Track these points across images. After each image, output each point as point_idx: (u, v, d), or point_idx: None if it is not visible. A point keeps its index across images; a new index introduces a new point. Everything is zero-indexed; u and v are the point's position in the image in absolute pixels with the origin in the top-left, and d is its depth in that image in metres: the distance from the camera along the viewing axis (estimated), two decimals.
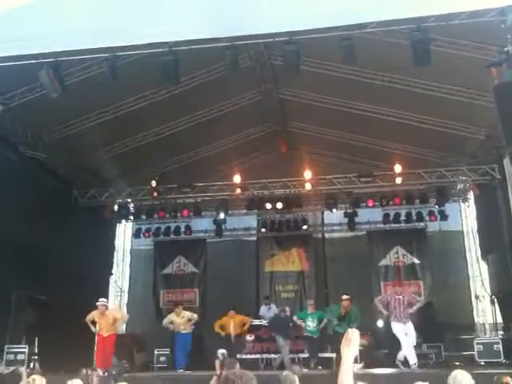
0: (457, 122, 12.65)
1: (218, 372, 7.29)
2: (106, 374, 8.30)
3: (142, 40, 7.83)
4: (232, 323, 12.40)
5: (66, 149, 12.91)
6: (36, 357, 11.64)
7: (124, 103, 12.22)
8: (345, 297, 11.41)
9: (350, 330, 2.89)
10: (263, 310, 14.55)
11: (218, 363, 7.46)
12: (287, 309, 13.11)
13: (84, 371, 6.64)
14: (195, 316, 12.40)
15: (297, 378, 4.83)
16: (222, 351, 8.07)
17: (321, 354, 12.07)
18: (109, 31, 7.66)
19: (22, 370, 9.71)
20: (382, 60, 10.63)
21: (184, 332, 12.08)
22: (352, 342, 2.85)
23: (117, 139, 13.88)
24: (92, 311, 11.02)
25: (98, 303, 11.00)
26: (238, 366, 6.63)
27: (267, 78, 12.55)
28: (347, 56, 8.82)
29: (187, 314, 12.42)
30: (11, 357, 10.95)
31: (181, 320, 12.11)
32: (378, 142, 14.42)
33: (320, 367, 11.24)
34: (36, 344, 11.85)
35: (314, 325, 11.87)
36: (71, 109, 11.64)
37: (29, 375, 6.71)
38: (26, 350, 11.20)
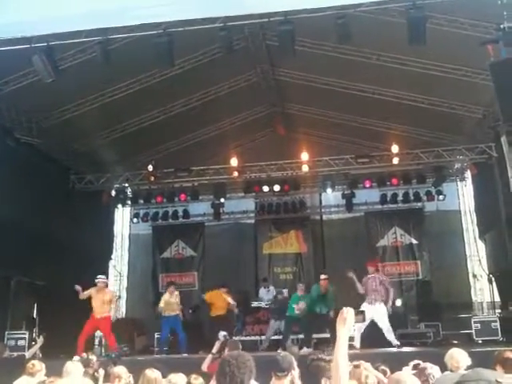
0: (453, 100, 12.59)
1: (214, 351, 7.36)
2: (106, 358, 8.32)
3: (134, 21, 7.76)
4: (222, 299, 12.30)
5: (62, 134, 12.85)
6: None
7: (119, 87, 12.12)
8: (323, 276, 11.47)
9: (344, 308, 2.90)
10: (262, 292, 14.63)
11: (217, 344, 7.52)
12: (284, 291, 13.13)
13: (84, 355, 6.68)
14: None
15: (294, 359, 4.85)
16: (223, 333, 8.11)
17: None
18: (101, 13, 7.60)
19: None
20: (377, 39, 10.53)
21: (173, 314, 11.67)
22: (347, 321, 2.85)
23: (112, 124, 13.82)
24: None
25: (96, 280, 10.83)
26: (240, 346, 6.72)
27: (262, 60, 12.46)
28: (342, 35, 8.75)
29: (177, 294, 11.98)
30: (12, 343, 11.02)
31: (174, 300, 11.78)
32: (374, 123, 14.37)
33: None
34: (36, 330, 11.92)
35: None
36: (66, 94, 11.57)
37: (28, 360, 6.75)
38: (27, 336, 11.28)
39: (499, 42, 7.93)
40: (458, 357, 5.22)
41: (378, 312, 10.42)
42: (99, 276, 11.01)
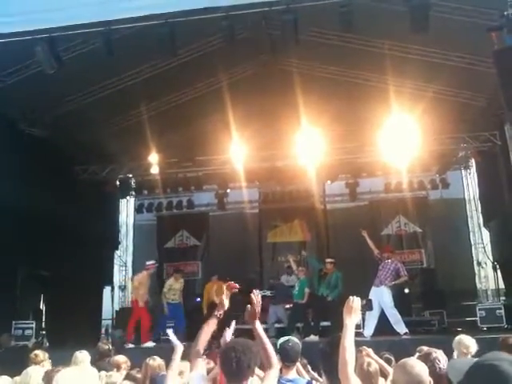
0: (457, 88, 12.55)
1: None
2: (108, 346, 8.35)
3: (136, 12, 7.74)
4: (215, 288, 12.50)
5: (66, 125, 12.85)
6: (44, 332, 11.82)
7: (123, 77, 12.11)
8: (328, 260, 11.62)
9: (351, 297, 2.93)
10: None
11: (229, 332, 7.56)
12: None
13: (100, 344, 6.79)
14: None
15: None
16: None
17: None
18: (103, 4, 7.58)
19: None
20: (381, 27, 10.46)
21: (177, 302, 11.94)
22: (354, 309, 2.89)
23: (116, 114, 13.83)
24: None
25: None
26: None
27: (265, 49, 12.40)
28: (345, 24, 8.69)
29: (182, 282, 12.34)
30: (19, 332, 11.12)
31: (177, 287, 12.03)
32: (378, 112, 14.29)
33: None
34: (43, 319, 12.00)
35: (298, 289, 11.91)
36: (70, 84, 11.53)
37: (33, 350, 6.82)
38: (34, 326, 11.37)
39: (503, 30, 7.88)
40: (467, 343, 5.26)
41: (383, 296, 10.39)
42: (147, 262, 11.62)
